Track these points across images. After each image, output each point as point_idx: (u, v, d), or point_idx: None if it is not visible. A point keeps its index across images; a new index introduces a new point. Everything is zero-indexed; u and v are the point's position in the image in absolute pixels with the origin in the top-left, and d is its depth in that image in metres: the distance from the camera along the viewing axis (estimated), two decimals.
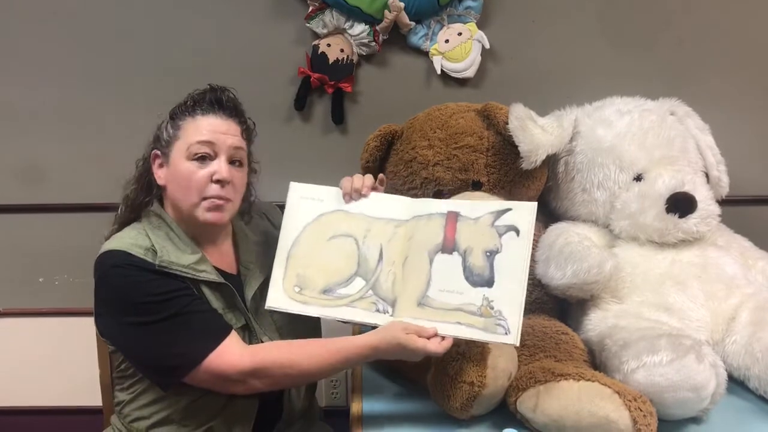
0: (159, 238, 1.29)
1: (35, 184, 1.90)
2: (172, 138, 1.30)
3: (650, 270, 1.48)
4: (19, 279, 1.94)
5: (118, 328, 1.27)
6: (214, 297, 1.30)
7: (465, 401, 1.21)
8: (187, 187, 1.27)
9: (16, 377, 2.01)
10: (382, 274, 1.31)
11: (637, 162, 1.54)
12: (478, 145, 1.56)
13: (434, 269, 1.27)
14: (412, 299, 1.26)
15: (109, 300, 1.26)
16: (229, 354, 1.22)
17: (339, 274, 1.33)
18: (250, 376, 1.23)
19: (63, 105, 1.85)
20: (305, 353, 1.24)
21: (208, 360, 1.21)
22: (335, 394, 2.02)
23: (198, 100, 1.32)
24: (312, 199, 1.39)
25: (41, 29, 1.81)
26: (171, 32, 1.81)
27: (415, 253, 1.30)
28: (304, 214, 1.37)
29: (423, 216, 1.33)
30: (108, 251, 1.26)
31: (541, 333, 1.42)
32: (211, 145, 1.28)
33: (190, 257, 1.28)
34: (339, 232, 1.36)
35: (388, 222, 1.35)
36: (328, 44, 1.80)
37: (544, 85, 1.80)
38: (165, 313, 1.22)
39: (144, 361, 1.27)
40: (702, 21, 1.80)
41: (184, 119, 1.31)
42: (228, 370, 1.22)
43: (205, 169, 1.28)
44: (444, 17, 1.79)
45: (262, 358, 1.23)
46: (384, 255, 1.33)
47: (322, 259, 1.34)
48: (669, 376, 1.18)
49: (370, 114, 1.83)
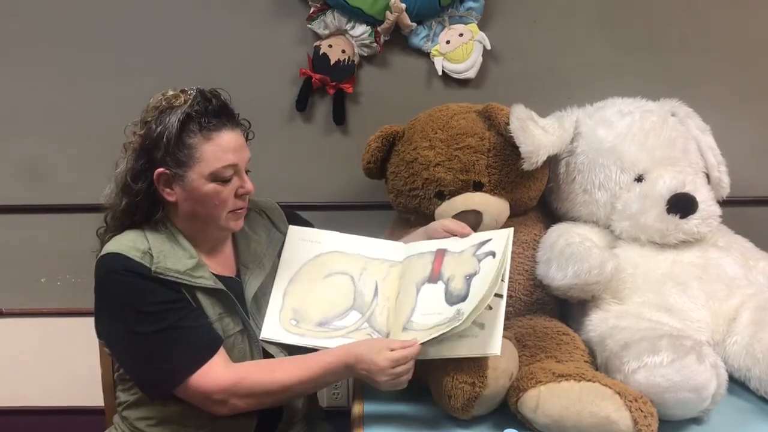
0: (157, 240, 1.28)
1: (37, 184, 1.90)
2: (188, 160, 1.25)
3: (651, 271, 1.48)
4: (21, 279, 1.95)
5: (111, 333, 1.28)
6: (210, 303, 1.29)
7: (466, 401, 1.21)
8: (214, 206, 1.28)
9: (18, 377, 2.01)
10: (378, 308, 1.38)
11: (638, 163, 1.54)
12: (479, 146, 1.56)
13: (419, 298, 1.34)
14: (399, 326, 1.32)
15: (105, 305, 1.27)
16: (214, 372, 1.23)
17: (335, 308, 1.38)
18: (233, 395, 1.23)
19: (66, 105, 1.85)
20: (285, 369, 1.26)
21: (192, 378, 1.22)
22: (336, 394, 2.02)
23: (202, 112, 1.26)
24: (310, 242, 1.45)
25: (42, 29, 1.82)
26: (173, 33, 1.81)
27: (406, 287, 1.37)
28: (302, 254, 1.44)
29: (415, 255, 1.41)
30: (106, 254, 1.26)
31: (542, 333, 1.42)
32: (235, 167, 1.28)
33: (187, 262, 1.28)
34: (335, 270, 1.43)
35: (383, 262, 1.44)
36: (330, 45, 1.80)
37: (545, 86, 1.80)
38: (156, 325, 1.22)
39: (132, 371, 1.28)
40: (704, 22, 1.80)
41: (195, 138, 1.25)
42: (212, 388, 1.23)
43: (229, 186, 1.28)
44: (445, 18, 1.79)
45: (244, 376, 1.24)
46: (379, 291, 1.40)
47: (318, 294, 1.40)
48: (670, 377, 1.18)
49: (371, 115, 1.83)
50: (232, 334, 1.31)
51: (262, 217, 1.48)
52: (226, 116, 1.29)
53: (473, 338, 1.23)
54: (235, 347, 1.31)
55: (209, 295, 1.29)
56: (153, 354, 1.24)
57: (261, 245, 1.42)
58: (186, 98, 1.26)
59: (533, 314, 1.52)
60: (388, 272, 1.42)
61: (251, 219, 1.44)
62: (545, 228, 1.62)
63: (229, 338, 1.30)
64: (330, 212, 1.87)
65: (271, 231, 1.46)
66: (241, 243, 1.41)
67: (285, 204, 1.57)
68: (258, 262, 1.40)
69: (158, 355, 1.24)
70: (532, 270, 1.53)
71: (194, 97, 1.27)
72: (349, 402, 1.84)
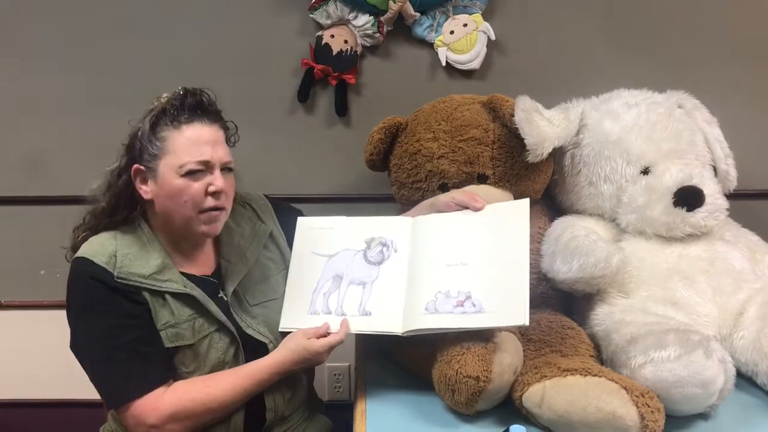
0: (127, 242, 1.28)
1: (37, 176, 1.89)
2: (159, 152, 1.26)
3: (657, 264, 1.47)
4: (20, 271, 1.94)
5: (74, 335, 1.29)
6: (179, 305, 1.28)
7: (470, 396, 1.20)
8: (183, 202, 1.26)
9: (18, 370, 2.01)
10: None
11: (644, 155, 1.53)
12: (483, 138, 1.55)
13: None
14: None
15: (70, 307, 1.28)
16: (153, 398, 1.23)
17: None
18: (170, 420, 1.23)
19: (65, 97, 1.85)
20: (219, 384, 1.26)
21: (136, 403, 1.22)
22: (338, 388, 2.02)
23: (177, 107, 1.27)
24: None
25: (43, 21, 1.80)
26: (173, 24, 1.80)
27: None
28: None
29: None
30: (75, 258, 1.28)
31: (547, 328, 1.41)
32: (205, 164, 1.26)
33: (153, 264, 1.27)
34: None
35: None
36: (332, 35, 1.78)
37: (550, 77, 1.79)
38: (111, 342, 1.23)
39: (88, 376, 1.28)
40: (710, 13, 1.78)
41: (167, 130, 1.26)
42: (151, 416, 1.22)
43: (199, 182, 1.26)
44: (449, 8, 1.77)
45: (180, 397, 1.24)
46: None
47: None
48: (677, 372, 1.17)
49: (374, 106, 1.82)
50: (207, 334, 1.30)
51: (246, 209, 1.46)
52: (202, 111, 1.29)
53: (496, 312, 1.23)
54: (211, 347, 1.30)
55: (177, 298, 1.28)
56: (100, 370, 1.25)
57: (244, 238, 1.41)
58: (169, 96, 1.28)
59: (538, 308, 1.51)
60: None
61: (235, 211, 1.42)
62: (550, 221, 1.60)
63: (204, 339, 1.29)
64: (332, 204, 1.86)
65: (255, 223, 1.45)
66: (224, 236, 1.39)
67: (286, 197, 1.56)
68: (240, 256, 1.39)
69: (105, 374, 1.25)
70: (537, 263, 1.52)
71: (175, 94, 1.29)
72: (351, 395, 1.84)
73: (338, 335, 1.29)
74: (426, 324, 1.26)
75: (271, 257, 1.44)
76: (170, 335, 1.26)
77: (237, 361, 1.32)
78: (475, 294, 1.26)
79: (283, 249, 1.46)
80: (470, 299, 1.25)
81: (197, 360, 1.29)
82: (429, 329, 1.26)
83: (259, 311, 1.37)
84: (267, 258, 1.44)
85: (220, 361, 1.30)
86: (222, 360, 1.30)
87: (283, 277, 1.42)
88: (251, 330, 1.34)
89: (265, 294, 1.40)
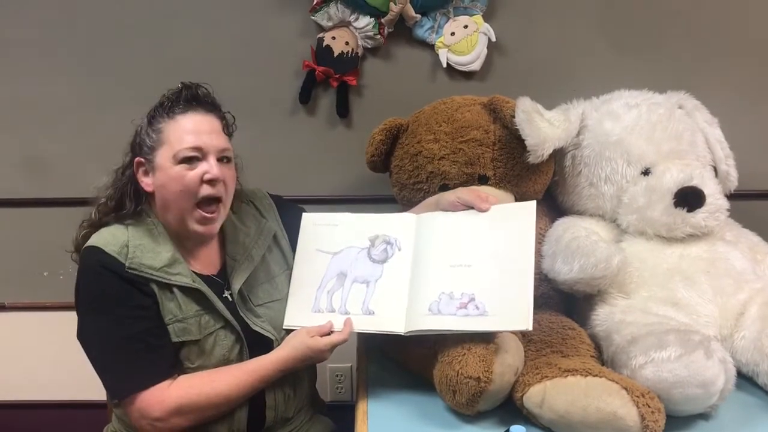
0: (138, 234, 1.29)
1: (39, 177, 1.90)
2: (156, 144, 1.28)
3: (658, 265, 1.47)
4: (23, 273, 1.95)
5: (81, 326, 1.28)
6: (187, 300, 1.29)
7: (471, 397, 1.20)
8: (179, 190, 1.27)
9: (20, 371, 2.01)
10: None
11: (644, 156, 1.53)
12: (484, 139, 1.55)
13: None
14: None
15: (78, 298, 1.28)
16: (159, 390, 1.23)
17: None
18: (175, 413, 1.23)
19: (67, 99, 1.85)
20: (224, 379, 1.27)
21: (138, 396, 1.23)
22: (340, 388, 2.02)
23: (174, 99, 1.30)
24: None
25: (44, 24, 1.81)
26: (174, 25, 1.81)
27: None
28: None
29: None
30: (86, 247, 1.27)
31: (548, 328, 1.41)
32: (199, 150, 1.27)
33: (164, 257, 1.27)
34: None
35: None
36: (333, 37, 1.79)
37: (550, 78, 1.79)
38: (121, 332, 1.23)
39: (95, 368, 1.28)
40: (711, 13, 1.78)
41: (163, 122, 1.29)
42: (156, 409, 1.23)
43: (195, 170, 1.27)
44: (450, 10, 1.77)
45: (186, 391, 1.24)
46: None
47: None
48: (677, 372, 1.17)
49: (375, 107, 1.82)
50: (213, 330, 1.30)
51: (250, 206, 1.47)
52: (197, 102, 1.30)
53: (500, 315, 1.23)
54: (216, 344, 1.30)
55: (186, 293, 1.29)
56: (113, 360, 1.25)
57: (250, 237, 1.41)
58: (167, 92, 1.31)
59: (539, 309, 1.49)
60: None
61: (240, 209, 1.43)
62: (551, 222, 1.60)
63: (210, 335, 1.30)
64: (334, 206, 1.86)
65: (260, 221, 1.45)
66: (229, 234, 1.39)
67: (289, 197, 1.56)
68: (246, 254, 1.39)
69: (111, 364, 1.25)
70: (538, 264, 1.51)
71: (174, 89, 1.31)
72: (353, 396, 1.84)
73: (342, 334, 1.30)
74: (429, 325, 1.27)
75: (274, 259, 1.45)
76: (177, 330, 1.27)
77: (241, 359, 1.32)
78: (479, 296, 1.26)
79: (286, 251, 1.46)
80: (474, 301, 1.25)
81: (202, 356, 1.29)
82: (431, 330, 1.26)
83: (263, 312, 1.37)
84: (271, 259, 1.44)
85: (225, 359, 1.31)
86: (227, 357, 1.31)
87: (287, 278, 1.43)
88: (257, 327, 1.34)
89: (270, 294, 1.40)
